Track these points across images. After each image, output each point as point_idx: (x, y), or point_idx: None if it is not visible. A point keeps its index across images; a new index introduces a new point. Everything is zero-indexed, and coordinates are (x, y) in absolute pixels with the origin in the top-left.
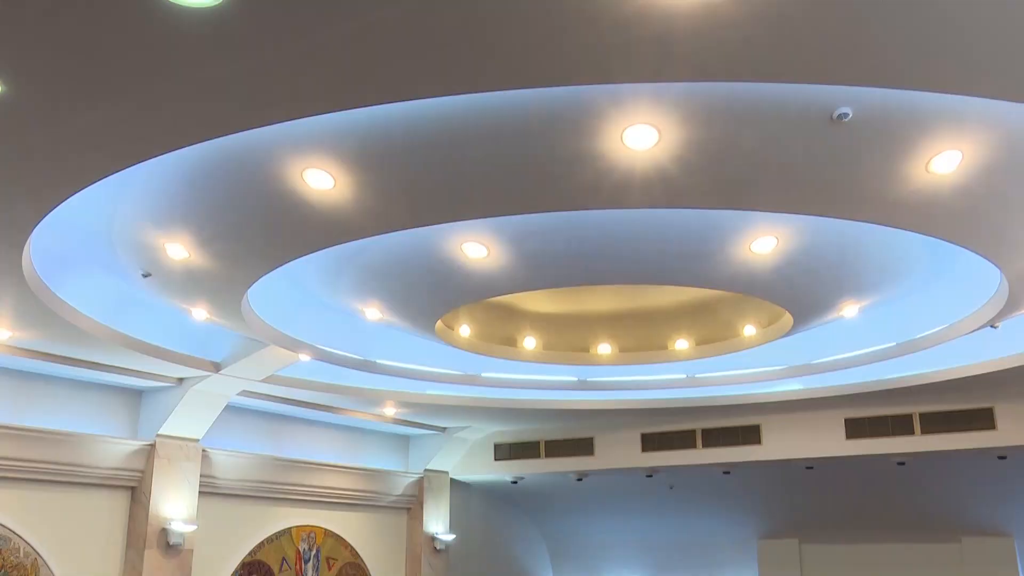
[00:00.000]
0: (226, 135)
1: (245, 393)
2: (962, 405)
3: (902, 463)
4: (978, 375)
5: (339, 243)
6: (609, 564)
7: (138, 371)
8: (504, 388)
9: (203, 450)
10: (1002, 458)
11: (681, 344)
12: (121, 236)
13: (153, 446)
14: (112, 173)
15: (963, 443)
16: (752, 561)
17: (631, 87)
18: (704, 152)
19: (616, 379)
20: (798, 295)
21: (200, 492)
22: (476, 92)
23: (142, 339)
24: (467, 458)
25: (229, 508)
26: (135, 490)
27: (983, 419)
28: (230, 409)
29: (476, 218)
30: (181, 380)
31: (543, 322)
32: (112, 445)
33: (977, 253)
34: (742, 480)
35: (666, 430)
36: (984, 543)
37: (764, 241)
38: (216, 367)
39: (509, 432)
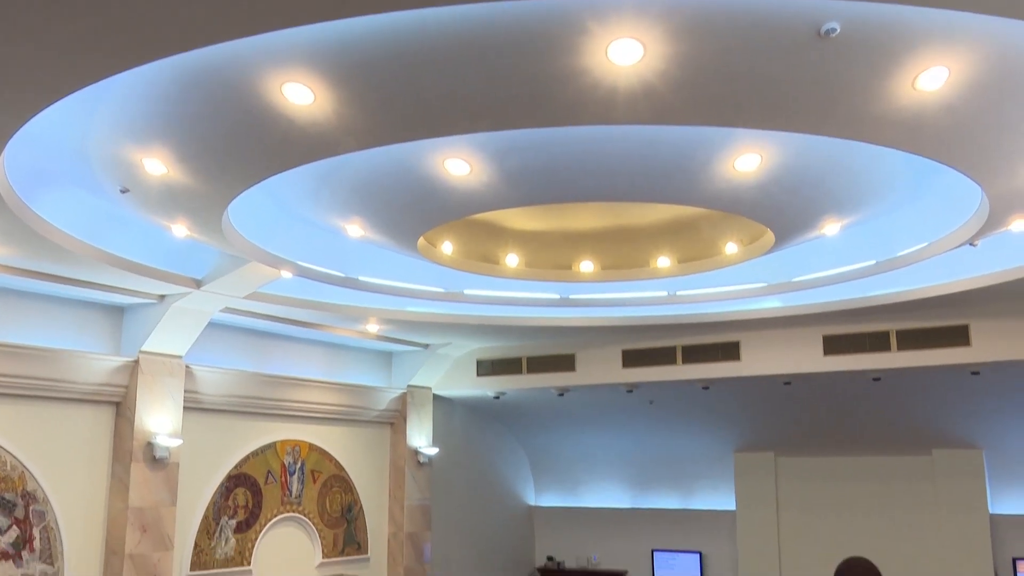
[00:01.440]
0: (203, 47)
1: (228, 310)
2: (938, 322)
3: (877, 379)
4: (955, 293)
5: (319, 159)
6: (589, 477)
7: (119, 288)
8: (486, 305)
9: (186, 366)
10: (975, 374)
11: (663, 262)
12: (97, 151)
13: (136, 362)
14: (87, 85)
15: (938, 359)
16: (728, 473)
17: (615, 0)
18: (690, 67)
19: (598, 296)
20: (780, 213)
21: (185, 408)
22: (458, 4)
23: (122, 256)
24: (450, 374)
25: (214, 423)
26: (119, 405)
27: (958, 336)
28: (213, 326)
29: (458, 134)
30: (163, 297)
31: (526, 240)
32: (95, 361)
33: (960, 171)
34: (720, 395)
35: (647, 347)
36: (954, 455)
37: (748, 158)
38: (197, 284)
39: (491, 348)
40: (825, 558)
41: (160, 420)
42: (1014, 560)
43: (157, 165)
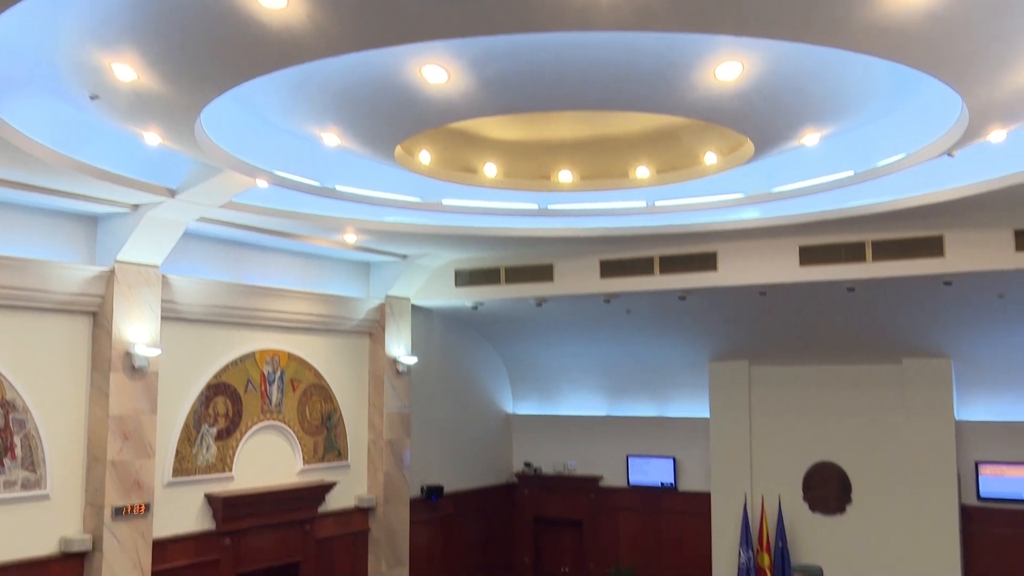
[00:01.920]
0: None
1: (204, 220)
2: (913, 233)
3: (852, 289)
4: (930, 204)
5: (293, 64)
6: (567, 386)
7: (92, 197)
8: (465, 215)
9: (163, 276)
10: (947, 284)
11: (642, 172)
12: (65, 56)
13: (112, 272)
14: None
15: (912, 270)
16: (703, 382)
17: None
18: None
19: (576, 206)
20: (761, 122)
21: (163, 317)
22: None
23: (94, 164)
24: (428, 284)
25: (192, 333)
26: (96, 315)
27: (932, 247)
28: (190, 236)
29: (434, 39)
30: (136, 206)
31: (504, 149)
32: (70, 271)
33: (941, 80)
34: (697, 305)
35: (624, 257)
36: (923, 364)
37: (729, 67)
38: (172, 193)
39: (470, 259)
40: (795, 464)
41: (138, 330)
42: (976, 463)
43: (127, 71)
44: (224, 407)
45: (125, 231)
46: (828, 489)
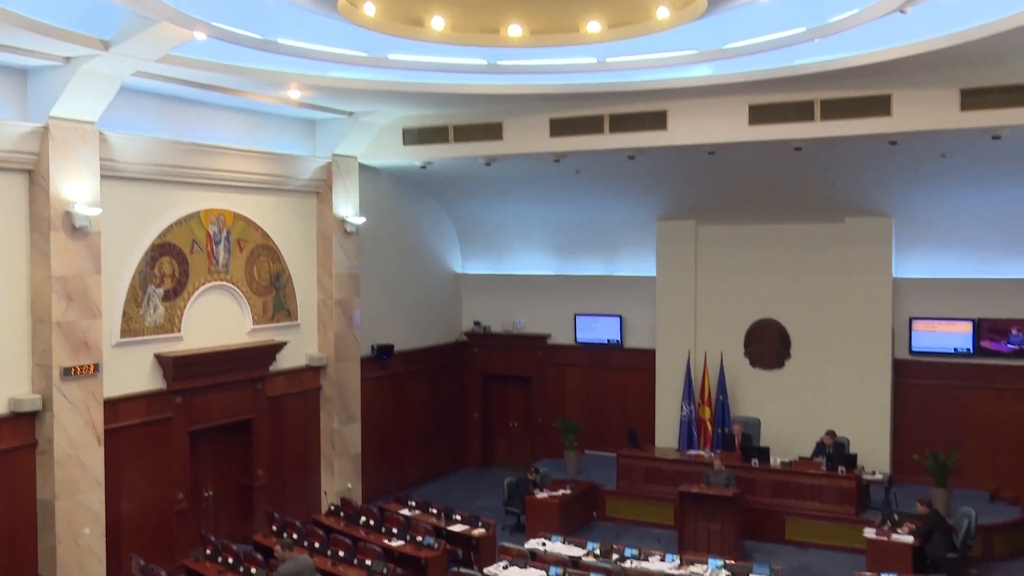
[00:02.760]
0: None
1: (141, 74)
2: (861, 92)
3: (799, 149)
4: (880, 62)
5: None
6: (516, 246)
7: (21, 49)
8: (412, 71)
9: (100, 133)
10: (893, 144)
11: (593, 26)
12: None
13: (46, 128)
14: None
15: (859, 129)
16: (650, 241)
17: None
18: None
19: (526, 63)
20: None
21: (102, 176)
22: None
23: (20, 12)
24: (375, 143)
25: (134, 192)
26: (32, 173)
27: (880, 106)
28: (128, 91)
29: None
30: (68, 59)
31: (452, 0)
32: (0, 127)
33: None
34: (646, 165)
35: (574, 115)
36: (865, 223)
37: None
38: (105, 45)
39: (418, 117)
40: (737, 321)
41: (76, 188)
42: (910, 319)
43: None
44: (170, 268)
45: (58, 86)
46: (768, 345)
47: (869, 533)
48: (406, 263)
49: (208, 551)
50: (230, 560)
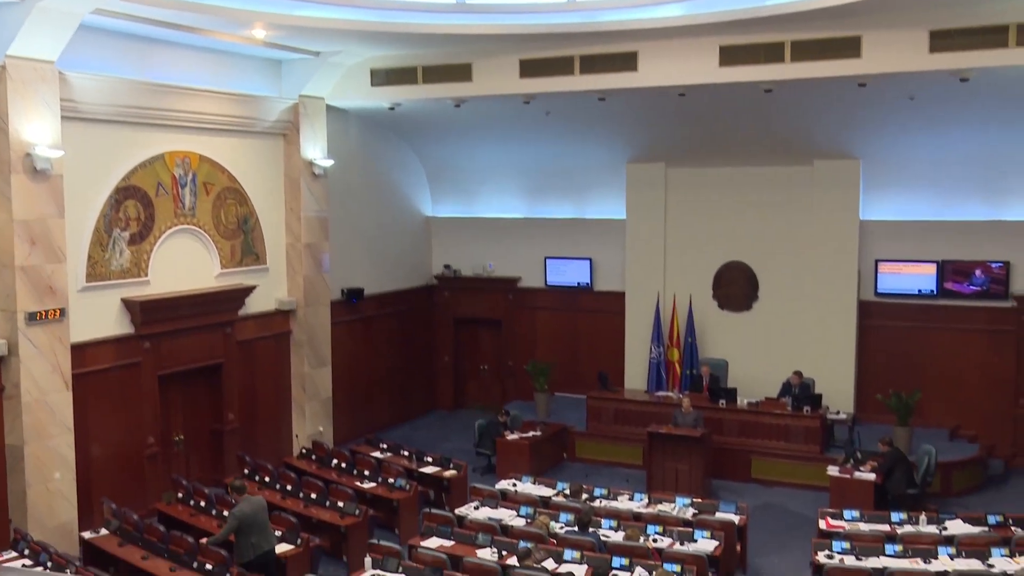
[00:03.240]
0: None
1: (101, 12)
2: (832, 33)
3: (769, 91)
4: (850, 3)
5: None
6: (486, 188)
7: None
8: (380, 10)
9: (60, 73)
10: (862, 86)
11: None
12: None
13: (3, 68)
14: None
15: (829, 71)
16: (620, 183)
17: None
18: None
19: (496, 2)
20: None
21: (64, 117)
22: None
23: None
24: (343, 84)
25: (97, 134)
26: None
27: (850, 47)
28: (88, 30)
29: None
30: None
31: None
32: None
33: None
34: (616, 107)
35: (544, 56)
36: (833, 165)
37: None
38: None
39: (386, 57)
40: (706, 263)
41: (37, 130)
42: (876, 261)
43: None
44: (135, 211)
45: (14, 24)
46: (737, 287)
47: (832, 471)
48: (376, 206)
49: (180, 494)
50: (202, 503)
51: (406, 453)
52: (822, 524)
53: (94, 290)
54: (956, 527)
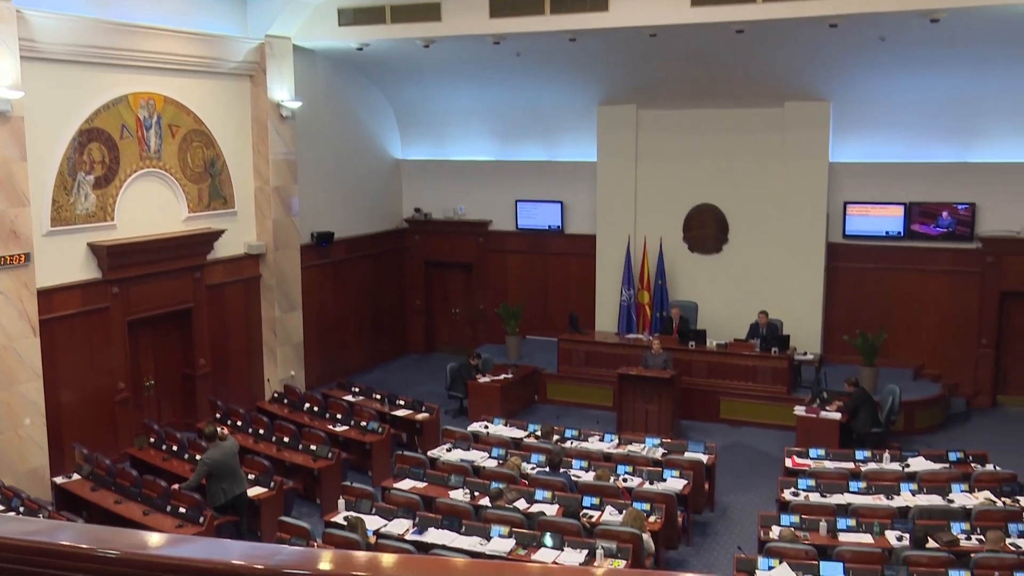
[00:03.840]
0: None
1: None
2: None
3: (741, 31)
4: None
5: None
6: (456, 130)
7: None
8: None
9: (17, 11)
10: (833, 26)
11: None
12: None
13: None
14: None
15: (802, 11)
16: (591, 126)
17: None
18: None
19: None
20: None
21: (23, 57)
22: None
23: None
24: (310, 23)
25: (58, 74)
26: None
27: None
28: None
29: None
30: None
31: None
32: None
33: None
34: (587, 48)
35: None
36: (803, 107)
37: None
38: None
39: None
40: (677, 206)
41: None
42: (845, 203)
43: None
44: (100, 154)
45: None
46: (707, 230)
47: (799, 411)
48: (345, 149)
49: (152, 439)
50: (174, 448)
51: (378, 396)
52: (788, 463)
53: (60, 235)
54: (918, 464)
